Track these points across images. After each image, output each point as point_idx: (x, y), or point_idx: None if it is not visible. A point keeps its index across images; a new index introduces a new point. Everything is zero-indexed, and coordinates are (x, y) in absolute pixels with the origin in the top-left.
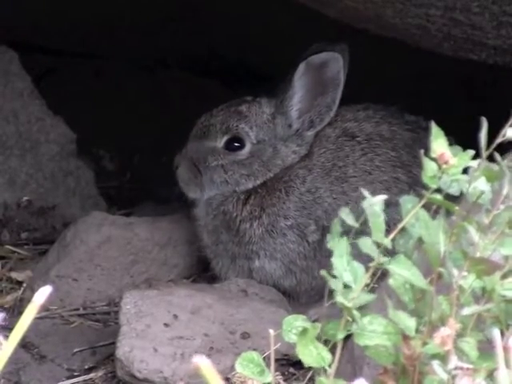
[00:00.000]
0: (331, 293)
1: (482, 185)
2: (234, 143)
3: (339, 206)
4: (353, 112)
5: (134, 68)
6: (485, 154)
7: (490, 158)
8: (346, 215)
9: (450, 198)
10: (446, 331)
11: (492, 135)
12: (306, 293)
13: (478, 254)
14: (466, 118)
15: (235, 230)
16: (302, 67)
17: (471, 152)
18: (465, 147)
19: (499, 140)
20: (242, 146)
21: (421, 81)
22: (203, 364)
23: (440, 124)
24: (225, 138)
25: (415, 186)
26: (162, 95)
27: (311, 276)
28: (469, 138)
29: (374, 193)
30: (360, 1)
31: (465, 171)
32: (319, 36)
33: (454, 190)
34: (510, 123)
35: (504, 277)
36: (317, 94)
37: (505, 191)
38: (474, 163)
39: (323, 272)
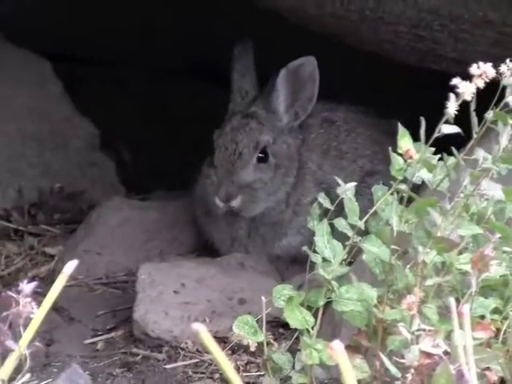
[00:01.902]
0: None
1: (423, 174)
2: (260, 154)
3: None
4: (321, 106)
5: (150, 75)
6: (425, 148)
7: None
8: (323, 199)
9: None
10: (412, 298)
11: None
12: None
13: (439, 234)
14: None
15: (274, 223)
16: (283, 73)
17: (431, 149)
18: None
19: (436, 135)
20: (267, 154)
21: None
22: (201, 328)
23: None
24: (255, 155)
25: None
26: (173, 99)
27: None
28: None
29: (363, 166)
30: (340, 19)
31: None
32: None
33: (416, 180)
34: (443, 120)
35: (460, 253)
36: (298, 90)
37: (466, 181)
38: (431, 156)
39: (305, 248)
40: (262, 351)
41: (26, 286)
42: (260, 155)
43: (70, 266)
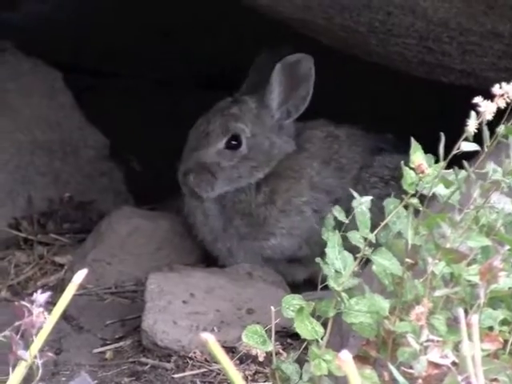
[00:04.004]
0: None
1: (440, 189)
2: (232, 142)
3: (342, 186)
4: (327, 122)
5: (157, 85)
6: (443, 164)
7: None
8: (338, 212)
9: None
10: (420, 309)
11: None
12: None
13: (448, 245)
14: None
15: (247, 214)
16: (278, 66)
17: (442, 164)
18: None
19: (454, 152)
20: (240, 143)
21: None
22: (209, 338)
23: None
24: (224, 140)
25: (385, 150)
26: (180, 108)
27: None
28: None
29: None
30: (349, 31)
31: None
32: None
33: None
34: (463, 137)
35: (469, 265)
36: (292, 88)
37: (475, 194)
38: (447, 172)
39: (318, 259)
40: (271, 361)
41: (40, 296)
42: (233, 142)
43: (80, 276)
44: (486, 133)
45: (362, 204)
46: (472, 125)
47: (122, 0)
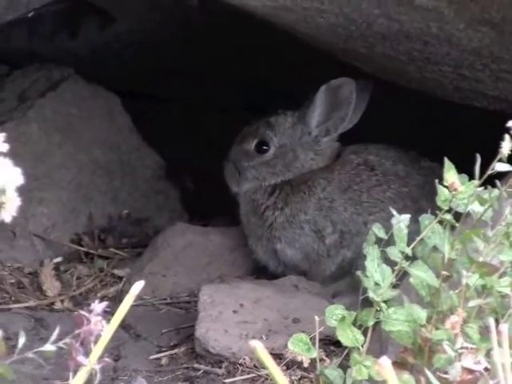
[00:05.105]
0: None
1: (476, 207)
2: (262, 146)
3: (354, 221)
4: (377, 149)
5: (210, 109)
6: (477, 183)
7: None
8: (378, 230)
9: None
10: (455, 318)
11: None
12: (319, 276)
13: (481, 259)
14: None
15: (259, 215)
16: (323, 88)
17: (475, 182)
18: None
19: (489, 172)
20: (268, 149)
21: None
22: (258, 345)
23: None
24: (255, 142)
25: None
26: (233, 132)
27: (324, 267)
28: None
29: (386, 218)
30: (390, 60)
31: None
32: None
33: (461, 209)
34: (497, 158)
35: (500, 277)
36: (333, 108)
37: (507, 211)
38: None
39: (358, 272)
40: (315, 367)
41: (98, 306)
42: (263, 147)
43: (137, 287)
44: None
45: (401, 221)
46: (506, 147)
47: (174, 28)
